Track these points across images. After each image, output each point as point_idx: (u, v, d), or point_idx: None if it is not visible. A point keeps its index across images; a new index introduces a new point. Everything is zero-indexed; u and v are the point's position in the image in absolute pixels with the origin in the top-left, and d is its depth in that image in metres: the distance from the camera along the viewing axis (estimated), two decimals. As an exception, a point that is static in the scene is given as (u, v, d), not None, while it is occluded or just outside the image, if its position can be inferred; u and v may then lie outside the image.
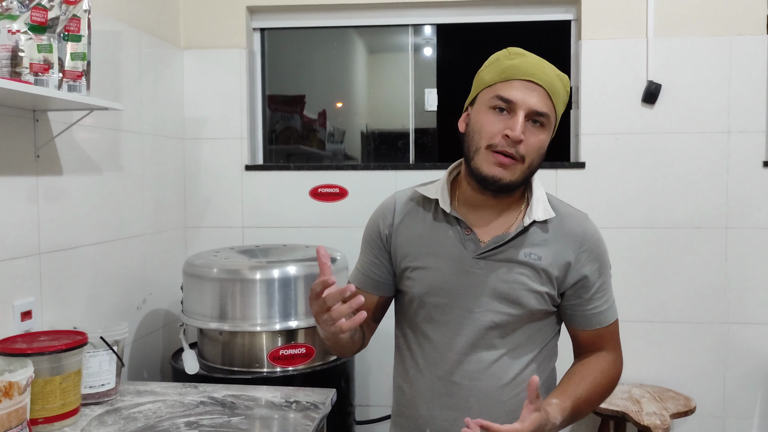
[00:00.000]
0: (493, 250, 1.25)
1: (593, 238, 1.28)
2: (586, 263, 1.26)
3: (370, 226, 1.39)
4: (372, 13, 2.67)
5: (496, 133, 1.18)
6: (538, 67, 1.19)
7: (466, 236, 1.26)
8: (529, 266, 1.24)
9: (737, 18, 2.40)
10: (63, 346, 1.43)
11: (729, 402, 2.47)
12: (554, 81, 1.20)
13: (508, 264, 1.24)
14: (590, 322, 1.29)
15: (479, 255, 1.25)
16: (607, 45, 2.46)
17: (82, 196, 1.90)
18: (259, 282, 2.00)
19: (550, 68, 1.21)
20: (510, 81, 1.19)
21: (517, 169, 1.19)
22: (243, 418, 1.50)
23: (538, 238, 1.25)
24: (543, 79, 1.18)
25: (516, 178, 1.20)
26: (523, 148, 1.17)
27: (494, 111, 1.20)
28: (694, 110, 2.43)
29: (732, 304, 2.45)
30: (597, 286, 1.28)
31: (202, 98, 2.62)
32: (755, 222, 2.43)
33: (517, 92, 1.18)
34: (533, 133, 1.19)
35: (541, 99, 1.18)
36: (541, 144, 1.20)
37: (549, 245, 1.25)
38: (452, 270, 1.26)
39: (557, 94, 1.20)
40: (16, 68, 1.43)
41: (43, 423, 1.40)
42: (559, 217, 1.28)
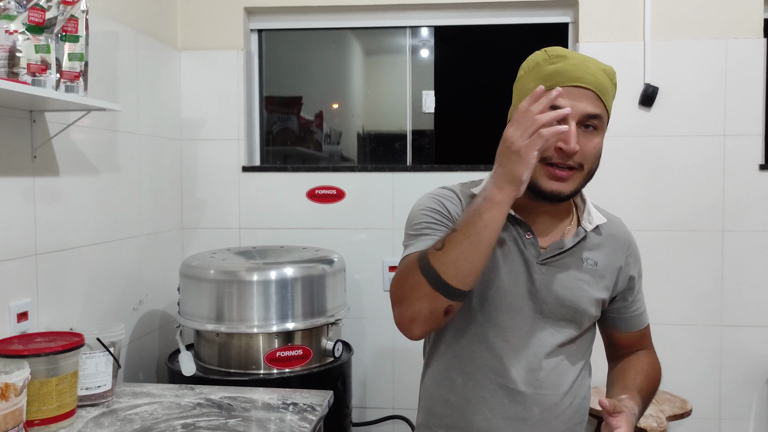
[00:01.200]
0: (555, 256, 1.22)
1: (635, 243, 1.33)
2: (632, 266, 1.30)
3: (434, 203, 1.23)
4: (369, 15, 2.67)
5: (548, 147, 1.11)
6: (583, 68, 1.12)
7: (527, 240, 1.21)
8: (588, 272, 1.23)
9: (734, 21, 2.41)
10: (59, 348, 1.43)
11: (725, 404, 2.48)
12: (601, 79, 1.14)
13: (569, 270, 1.22)
14: (634, 324, 1.33)
15: (543, 260, 1.21)
16: (605, 48, 2.47)
17: (78, 196, 1.89)
18: (256, 283, 1.99)
19: (594, 65, 1.15)
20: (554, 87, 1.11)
21: (576, 177, 1.15)
22: (240, 420, 1.50)
23: (593, 244, 1.25)
24: (590, 80, 1.12)
25: (577, 186, 1.17)
26: (579, 156, 1.12)
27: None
28: (690, 113, 2.44)
29: (728, 306, 2.46)
30: (638, 287, 1.32)
31: (200, 99, 2.62)
32: (751, 225, 2.43)
33: (565, 100, 1.09)
34: (588, 139, 1.13)
35: (591, 102, 1.12)
36: (597, 149, 1.15)
37: (602, 250, 1.26)
38: (515, 273, 1.20)
39: (606, 92, 1.15)
40: (14, 68, 1.42)
41: (39, 425, 1.40)
42: (607, 222, 1.29)
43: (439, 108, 2.71)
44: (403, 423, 2.51)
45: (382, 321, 2.53)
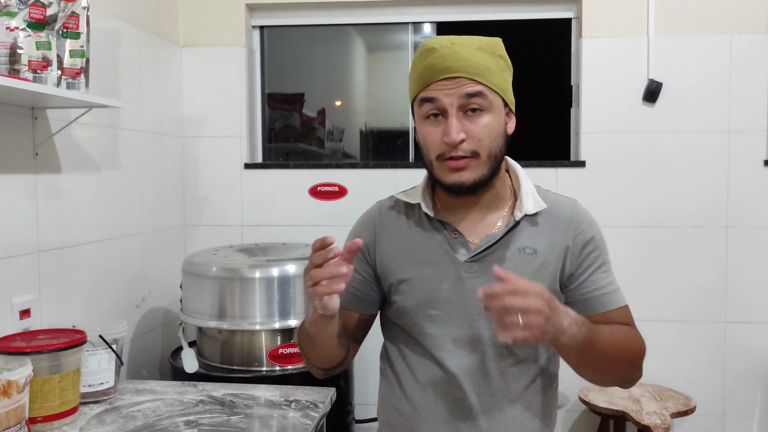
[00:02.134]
0: (485, 251, 1.17)
1: (586, 221, 1.21)
2: (581, 246, 1.19)
3: (351, 238, 1.27)
4: (372, 11, 2.66)
5: (437, 143, 1.13)
6: (450, 57, 1.10)
7: (454, 239, 1.18)
8: (525, 262, 1.16)
9: (738, 16, 2.39)
10: (62, 345, 1.43)
11: (729, 401, 2.47)
12: (475, 60, 1.11)
13: (504, 264, 1.16)
14: (594, 306, 1.18)
15: (471, 258, 1.17)
16: (608, 43, 2.45)
17: (80, 193, 1.89)
18: (259, 280, 1.99)
19: (465, 48, 1.11)
20: (430, 85, 1.12)
21: (475, 165, 1.12)
22: (242, 417, 1.49)
23: (529, 232, 1.18)
24: (459, 67, 1.10)
25: (480, 173, 1.13)
26: (469, 143, 1.11)
27: (429, 120, 1.14)
28: (694, 109, 2.43)
29: (732, 303, 2.45)
30: (596, 267, 1.19)
31: (201, 96, 2.61)
32: (755, 221, 2.42)
33: (437, 92, 1.11)
34: (474, 122, 1.11)
35: (466, 86, 1.10)
36: (488, 128, 1.12)
37: (542, 236, 1.18)
38: (445, 278, 1.17)
39: (485, 71, 1.11)
40: (15, 65, 1.42)
41: (41, 422, 1.40)
42: (548, 207, 1.20)
43: (442, 104, 2.70)
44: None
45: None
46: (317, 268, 0.99)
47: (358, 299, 1.26)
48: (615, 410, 2.18)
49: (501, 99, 1.15)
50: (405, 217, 1.25)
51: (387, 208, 1.28)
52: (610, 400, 2.25)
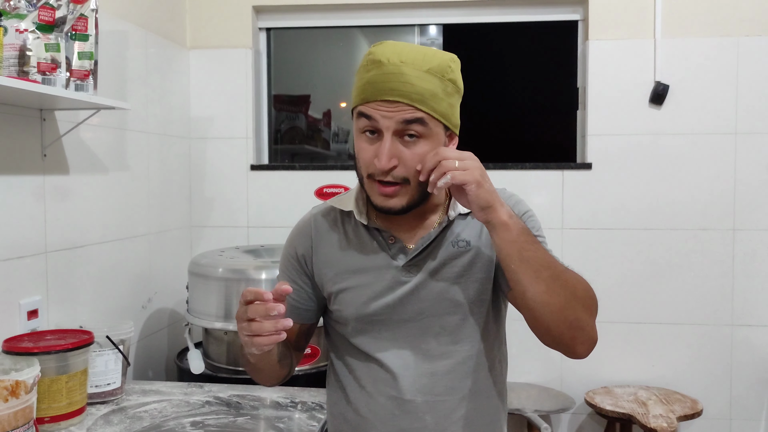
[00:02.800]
0: (422, 253, 1.14)
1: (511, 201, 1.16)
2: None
3: (287, 248, 1.26)
4: (377, 13, 2.66)
5: (370, 162, 1.08)
6: (394, 77, 1.04)
7: (391, 245, 1.16)
8: (460, 255, 1.14)
9: (745, 19, 2.39)
10: (69, 345, 1.43)
11: (736, 404, 2.46)
12: (419, 83, 1.04)
13: (439, 261, 1.14)
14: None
15: (409, 262, 1.14)
16: (615, 46, 2.45)
17: (88, 195, 1.90)
18: (265, 282, 1.99)
19: (412, 69, 1.04)
20: (369, 102, 1.06)
21: (405, 191, 1.08)
22: (248, 418, 1.50)
23: (461, 226, 1.16)
24: (403, 91, 1.03)
25: (409, 199, 1.09)
26: (401, 170, 1.06)
27: (366, 135, 1.09)
28: (701, 111, 2.42)
29: (739, 305, 2.44)
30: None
31: (208, 98, 2.62)
32: (762, 223, 2.41)
33: (376, 113, 1.05)
34: (409, 148, 1.06)
35: (405, 113, 1.04)
36: (422, 157, 1.05)
37: (472, 227, 1.16)
38: (384, 283, 1.15)
39: (429, 96, 1.05)
40: (24, 67, 1.43)
41: (49, 422, 1.41)
42: None
43: (448, 106, 2.70)
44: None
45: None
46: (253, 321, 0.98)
47: (297, 310, 1.23)
48: (621, 413, 2.17)
49: (442, 125, 1.09)
50: (341, 225, 1.22)
51: (321, 216, 1.24)
52: (616, 402, 2.24)
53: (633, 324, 2.46)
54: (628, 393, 2.36)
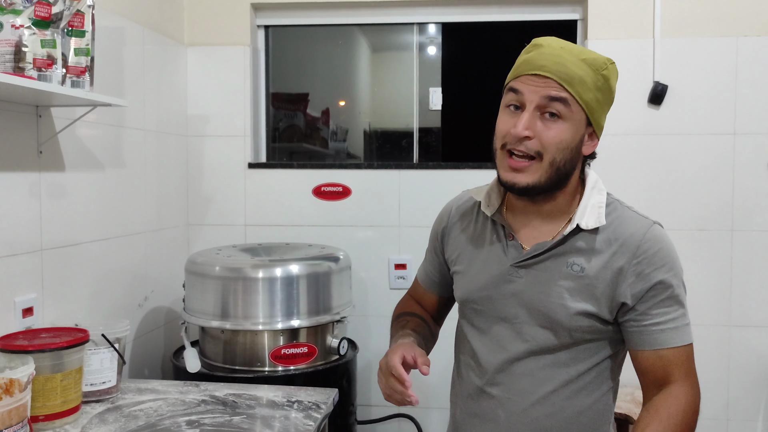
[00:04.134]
0: (533, 258, 1.16)
1: (656, 246, 1.13)
2: (641, 275, 1.12)
3: (434, 224, 1.39)
4: (376, 12, 2.66)
5: (506, 132, 1.12)
6: (550, 57, 1.10)
7: (509, 242, 1.20)
8: (571, 279, 1.14)
9: (744, 19, 2.38)
10: (64, 344, 1.42)
11: (733, 405, 2.46)
12: (573, 67, 1.09)
13: (548, 274, 1.15)
14: (648, 341, 1.13)
15: (518, 263, 1.17)
16: (614, 45, 2.44)
17: (84, 192, 1.89)
18: (262, 280, 1.99)
19: (570, 55, 1.11)
20: (520, 77, 1.12)
21: (534, 169, 1.11)
22: (244, 417, 1.49)
23: (584, 247, 1.14)
24: (552, 69, 1.09)
25: (537, 179, 1.11)
26: (535, 143, 1.10)
27: (509, 109, 1.14)
28: (700, 111, 2.42)
29: (736, 306, 2.44)
30: (657, 300, 1.12)
31: (206, 95, 2.61)
32: (760, 224, 2.41)
33: (524, 86, 1.11)
34: (547, 126, 1.10)
35: (551, 89, 1.09)
36: (559, 137, 1.09)
37: (597, 255, 1.13)
38: (491, 276, 1.20)
39: (577, 81, 1.09)
40: (20, 63, 1.42)
41: (43, 420, 1.40)
42: (614, 224, 1.15)
43: (447, 105, 2.70)
44: (409, 422, 2.50)
45: (388, 319, 2.51)
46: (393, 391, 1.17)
47: (434, 282, 1.39)
48: (618, 413, 2.17)
49: (585, 115, 1.13)
50: (475, 213, 1.29)
51: (463, 200, 1.34)
52: (613, 403, 2.24)
53: (631, 324, 2.46)
54: (624, 393, 2.35)
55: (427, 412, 2.57)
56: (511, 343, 1.19)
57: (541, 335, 1.16)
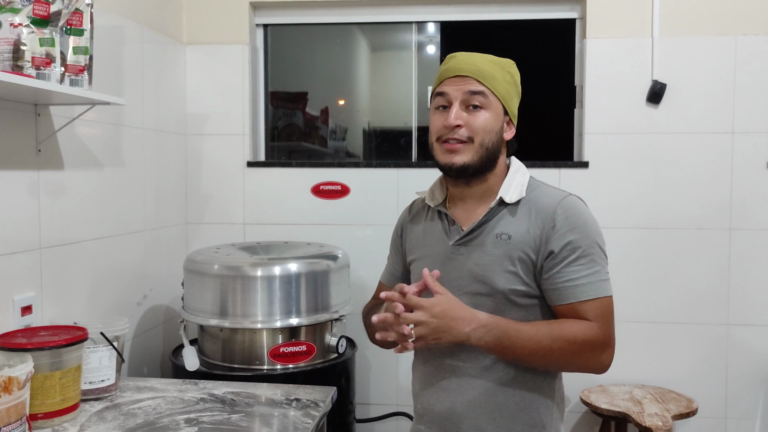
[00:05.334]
0: (470, 235, 1.34)
1: (567, 212, 1.28)
2: (555, 236, 1.27)
3: (394, 228, 1.58)
4: (375, 10, 2.66)
5: (439, 127, 1.33)
6: (465, 62, 1.33)
7: (451, 227, 1.38)
8: (501, 246, 1.30)
9: (743, 17, 2.39)
10: (63, 342, 1.43)
11: (731, 403, 2.46)
12: (485, 67, 1.32)
13: (482, 247, 1.32)
14: (562, 295, 1.27)
15: (458, 241, 1.35)
16: (612, 44, 2.45)
17: (83, 191, 1.89)
18: (261, 279, 1.99)
19: (480, 58, 1.34)
20: (444, 81, 1.34)
21: (468, 150, 1.30)
22: (243, 415, 1.49)
23: (509, 219, 1.32)
24: (470, 69, 1.31)
25: (471, 159, 1.30)
26: (465, 130, 1.30)
27: (438, 110, 1.35)
28: (699, 110, 2.42)
29: (734, 305, 2.44)
30: (570, 259, 1.26)
31: (205, 94, 2.61)
32: (758, 223, 2.41)
33: (448, 88, 1.32)
34: (473, 115, 1.31)
35: (471, 85, 1.31)
36: (485, 122, 1.30)
37: (519, 224, 1.31)
38: (438, 259, 1.37)
39: (490, 77, 1.31)
40: (18, 62, 1.42)
41: (42, 418, 1.40)
42: (534, 197, 1.33)
43: (445, 104, 2.69)
44: (407, 420, 2.51)
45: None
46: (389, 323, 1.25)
47: (398, 279, 1.52)
48: (617, 412, 2.17)
49: (501, 105, 1.34)
50: (425, 209, 1.48)
51: (417, 201, 1.53)
52: (611, 401, 2.24)
53: (628, 323, 2.46)
54: (623, 392, 2.36)
55: (425, 410, 2.57)
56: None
57: (481, 303, 1.30)
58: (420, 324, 1.21)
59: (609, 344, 1.27)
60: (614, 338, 1.28)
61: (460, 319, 1.22)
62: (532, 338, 1.23)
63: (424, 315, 1.21)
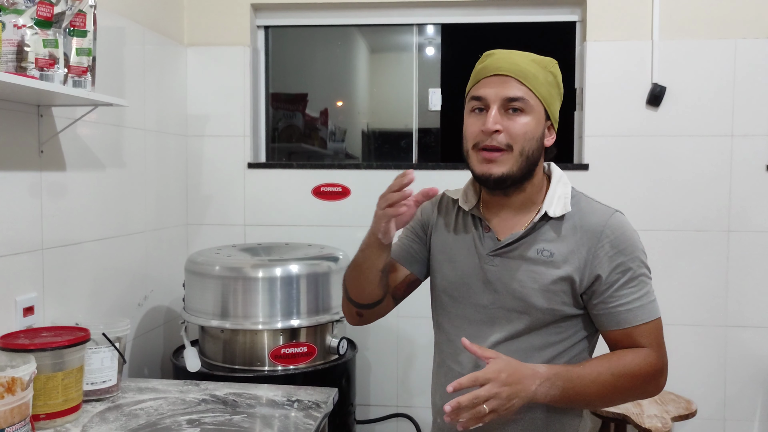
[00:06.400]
0: (507, 247, 1.26)
1: (616, 233, 1.23)
2: (604, 259, 1.21)
3: (419, 213, 1.42)
4: (376, 12, 2.66)
5: (476, 132, 1.22)
6: (504, 60, 1.22)
7: (485, 234, 1.29)
8: (541, 263, 1.23)
9: (742, 21, 2.40)
10: (65, 342, 1.43)
11: (729, 405, 2.47)
12: (525, 66, 1.22)
13: (520, 261, 1.24)
14: (615, 321, 1.22)
15: (494, 252, 1.27)
16: (612, 47, 2.46)
17: (84, 191, 1.89)
18: (261, 280, 1.99)
19: (521, 57, 1.24)
20: (480, 81, 1.24)
21: (506, 159, 1.21)
22: (245, 416, 1.50)
23: (552, 235, 1.24)
24: (510, 68, 1.21)
25: (509, 169, 1.21)
26: (504, 137, 1.20)
27: (474, 113, 1.25)
28: (698, 113, 2.43)
29: (733, 307, 2.45)
30: (620, 282, 1.21)
31: (206, 95, 2.61)
32: (757, 225, 2.42)
33: (486, 89, 1.22)
34: (513, 120, 1.21)
35: (512, 87, 1.21)
36: (525, 128, 1.21)
37: (564, 241, 1.23)
38: (469, 266, 1.29)
39: (531, 77, 1.22)
40: (22, 63, 1.42)
41: (45, 419, 1.40)
42: (579, 213, 1.25)
43: (446, 106, 2.71)
44: (407, 421, 2.51)
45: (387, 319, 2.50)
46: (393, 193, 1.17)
47: (409, 256, 1.40)
48: (616, 413, 2.18)
49: (543, 108, 1.24)
50: (454, 211, 1.38)
51: (447, 197, 1.41)
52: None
53: (628, 325, 2.47)
54: (623, 393, 2.36)
55: (425, 411, 2.57)
56: (488, 330, 1.26)
57: (515, 319, 1.24)
58: (493, 397, 1.10)
59: (665, 367, 1.26)
60: (667, 359, 1.27)
61: (525, 378, 1.14)
62: (595, 380, 1.18)
63: (495, 386, 1.10)
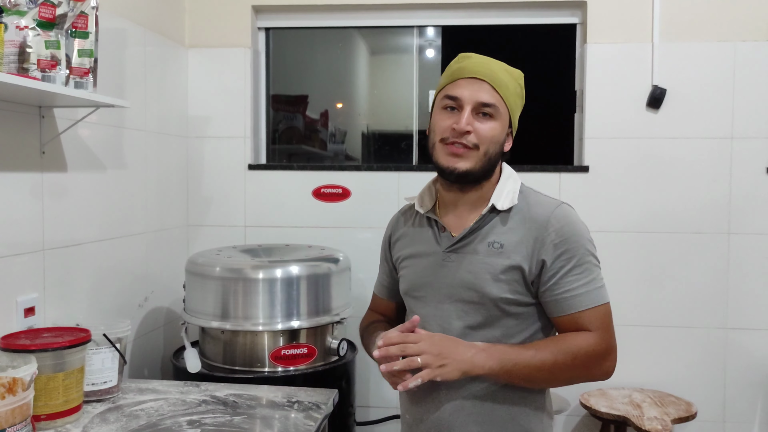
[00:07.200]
0: (461, 242, 1.32)
1: (561, 222, 1.28)
2: (549, 247, 1.26)
3: (383, 235, 1.55)
4: (376, 14, 2.67)
5: (446, 128, 1.29)
6: (481, 65, 1.29)
7: (441, 234, 1.36)
8: (493, 255, 1.29)
9: (742, 24, 2.40)
10: (66, 343, 1.43)
11: (729, 407, 2.47)
12: (500, 75, 1.29)
13: (474, 254, 1.30)
14: (561, 307, 1.27)
15: (449, 248, 1.33)
16: (613, 49, 2.46)
17: (86, 192, 1.90)
18: (262, 281, 2.00)
19: (496, 65, 1.31)
20: (456, 81, 1.30)
21: (471, 156, 1.28)
22: (245, 417, 1.50)
23: (501, 227, 1.31)
24: (486, 74, 1.28)
25: (472, 165, 1.28)
26: (473, 137, 1.27)
27: (446, 110, 1.31)
28: (698, 115, 2.44)
29: (733, 309, 2.45)
30: (566, 269, 1.26)
31: (206, 97, 2.62)
32: (757, 227, 2.43)
33: (462, 89, 1.28)
34: (483, 123, 1.28)
35: (486, 92, 1.28)
36: (492, 132, 1.28)
37: (513, 233, 1.29)
38: (428, 266, 1.36)
39: (504, 86, 1.29)
40: (24, 64, 1.42)
41: (45, 420, 1.40)
42: (526, 206, 1.32)
43: (446, 108, 2.70)
44: (407, 422, 2.51)
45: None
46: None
47: (389, 290, 1.53)
48: (616, 415, 2.18)
49: (509, 116, 1.32)
50: (412, 215, 1.46)
51: (406, 208, 1.51)
52: (611, 405, 2.25)
53: (628, 326, 2.47)
54: (622, 395, 2.36)
55: (425, 413, 2.57)
56: (451, 323, 1.32)
57: (473, 311, 1.30)
58: (423, 352, 1.19)
59: (611, 351, 1.28)
60: (616, 344, 1.29)
61: (459, 345, 1.22)
62: (535, 356, 1.22)
63: (425, 344, 1.20)
